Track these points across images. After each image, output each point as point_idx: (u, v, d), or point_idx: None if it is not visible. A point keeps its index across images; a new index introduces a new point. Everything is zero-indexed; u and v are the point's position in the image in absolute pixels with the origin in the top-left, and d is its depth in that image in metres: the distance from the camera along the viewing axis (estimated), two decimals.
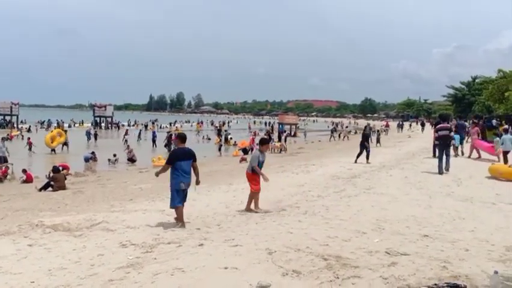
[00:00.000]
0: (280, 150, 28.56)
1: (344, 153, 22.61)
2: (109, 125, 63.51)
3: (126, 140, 32.20)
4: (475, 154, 17.46)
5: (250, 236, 6.27)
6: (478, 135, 18.32)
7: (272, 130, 49.17)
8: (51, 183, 13.91)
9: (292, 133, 48.95)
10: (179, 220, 7.33)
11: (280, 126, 48.75)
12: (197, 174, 7.63)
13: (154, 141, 33.21)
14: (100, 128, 60.12)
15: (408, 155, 18.91)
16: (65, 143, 29.43)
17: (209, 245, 5.91)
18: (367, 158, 16.70)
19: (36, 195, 12.94)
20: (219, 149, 30.24)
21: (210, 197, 10.15)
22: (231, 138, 37.27)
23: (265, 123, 65.06)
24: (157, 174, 7.91)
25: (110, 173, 19.17)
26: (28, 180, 16.06)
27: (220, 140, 34.86)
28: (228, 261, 5.03)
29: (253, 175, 8.52)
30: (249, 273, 4.67)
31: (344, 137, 43.74)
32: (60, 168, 15.51)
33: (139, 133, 42.63)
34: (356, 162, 16.30)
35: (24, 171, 16.61)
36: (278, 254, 5.29)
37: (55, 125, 53.43)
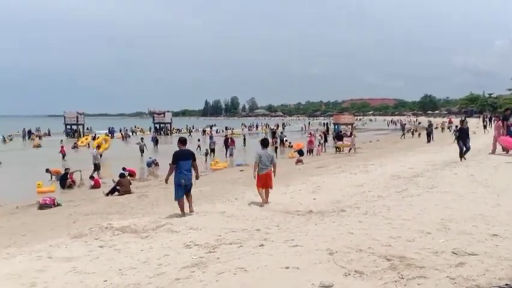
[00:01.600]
0: (350, 149, 28.09)
1: (404, 152, 21.98)
2: (168, 131, 65.51)
3: (199, 146, 32.48)
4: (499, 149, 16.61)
5: (310, 237, 6.28)
6: (501, 131, 17.14)
7: (328, 131, 48.66)
8: (118, 188, 14.61)
9: (349, 133, 48.15)
10: (181, 211, 8.76)
11: (336, 126, 48.10)
12: (196, 172, 9.24)
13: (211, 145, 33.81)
14: (160, 134, 62.21)
15: (474, 152, 18.04)
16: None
17: (269, 245, 5.99)
18: (461, 154, 15.47)
19: (104, 200, 13.63)
20: (275, 151, 30.35)
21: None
22: (286, 140, 37.27)
23: (323, 124, 64.43)
24: (166, 180, 9.22)
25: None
26: (96, 185, 16.95)
27: (276, 142, 34.95)
28: (289, 261, 5.07)
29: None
30: (310, 273, 4.69)
31: (418, 133, 42.43)
32: (127, 173, 16.22)
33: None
34: (461, 159, 15.21)
35: (91, 177, 17.55)
36: (339, 254, 5.27)
37: (119, 132, 56.00)
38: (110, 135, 56.35)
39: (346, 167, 15.82)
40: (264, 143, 10.23)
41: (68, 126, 60.20)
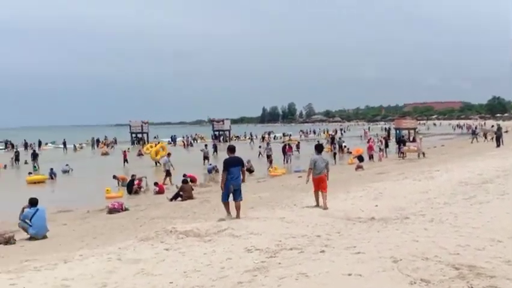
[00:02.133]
0: (418, 154, 27.21)
1: (471, 157, 20.95)
2: (227, 138, 66.64)
3: (260, 153, 32.81)
4: None
5: (373, 244, 6.16)
6: None
7: (389, 136, 47.34)
8: (180, 193, 15.08)
9: (411, 138, 46.57)
10: (227, 212, 9.40)
11: (398, 131, 46.70)
12: (243, 176, 9.80)
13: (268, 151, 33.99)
14: (219, 141, 63.45)
15: None
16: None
17: (330, 251, 5.95)
18: None
19: (168, 205, 14.13)
20: (334, 157, 29.97)
21: (328, 205, 10.15)
22: (345, 146, 36.72)
23: (385, 129, 62.75)
24: (222, 186, 9.64)
25: None
26: (160, 191, 17.60)
27: (334, 148, 34.52)
28: (351, 268, 5.01)
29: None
30: (373, 280, 4.61)
31: (491, 137, 40.31)
32: (189, 179, 16.70)
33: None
34: None
35: (156, 183, 18.24)
36: (404, 262, 5.13)
37: (183, 140, 57.78)
38: (172, 142, 58.38)
39: (409, 173, 15.34)
40: (319, 149, 10.58)
41: (134, 135, 62.89)
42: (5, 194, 13.82)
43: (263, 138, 60.00)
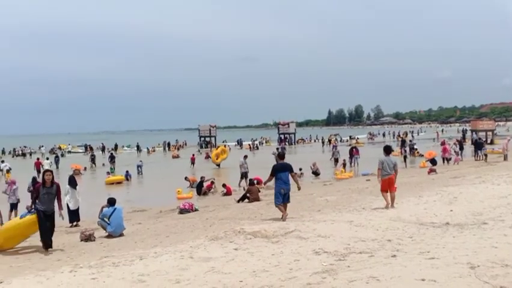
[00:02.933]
0: (505, 156, 25.68)
1: None
2: (293, 142, 66.60)
3: (334, 154, 32.38)
4: None
5: (448, 250, 5.91)
6: None
7: (464, 138, 44.90)
8: (247, 195, 15.31)
9: (489, 140, 43.85)
10: (283, 213, 9.85)
11: (474, 133, 44.17)
12: (296, 182, 10.52)
13: (335, 154, 33.50)
14: (285, 144, 63.54)
15: None
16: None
17: (402, 256, 5.78)
18: None
19: (235, 206, 14.39)
20: (404, 160, 28.93)
21: (399, 209, 9.86)
22: (416, 148, 35.33)
23: (462, 131, 59.51)
24: (264, 183, 11.65)
25: (295, 186, 20.10)
26: (228, 193, 17.98)
27: (405, 151, 33.30)
28: (425, 274, 4.84)
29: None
30: (449, 286, 4.43)
31: None
32: (255, 181, 16.91)
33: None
34: None
35: (224, 185, 18.65)
36: (482, 268, 4.87)
37: (249, 143, 58.68)
38: (239, 146, 59.35)
39: (487, 177, 14.47)
40: (387, 150, 10.84)
41: (202, 138, 64.73)
42: (85, 194, 14.79)
43: (329, 141, 59.23)
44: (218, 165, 31.92)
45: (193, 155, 35.19)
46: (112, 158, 33.37)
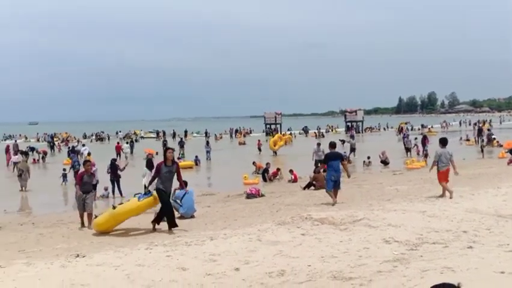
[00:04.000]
0: None
1: None
2: (361, 130, 65.12)
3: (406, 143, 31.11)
4: None
5: None
6: None
7: None
8: (313, 182, 15.25)
9: None
10: (333, 199, 10.74)
11: None
12: (346, 170, 11.65)
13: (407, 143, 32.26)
14: (352, 132, 62.30)
15: None
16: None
17: (479, 248, 5.53)
18: None
19: (301, 193, 14.40)
20: (481, 151, 27.33)
21: (475, 200, 9.38)
22: (494, 138, 33.19)
23: None
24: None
25: (364, 175, 19.72)
26: (294, 180, 18.01)
27: (482, 141, 31.43)
28: (505, 266, 4.60)
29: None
30: None
31: None
32: (322, 169, 16.79)
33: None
34: None
35: (291, 171, 18.69)
36: None
37: (315, 131, 58.26)
38: (305, 133, 59.08)
39: None
40: (443, 142, 10.89)
41: (268, 126, 65.08)
42: None
43: (400, 129, 57.24)
44: (275, 152, 32.10)
45: (259, 140, 35.60)
46: (181, 144, 34.55)
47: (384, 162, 23.89)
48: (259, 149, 33.54)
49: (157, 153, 34.63)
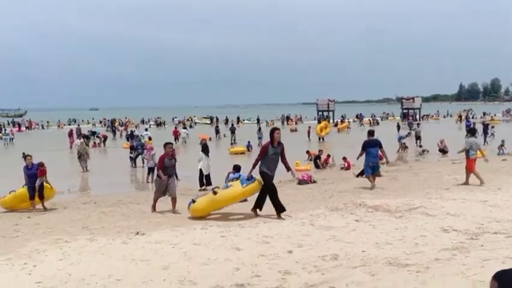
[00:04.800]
0: None
1: None
2: (418, 117, 62.89)
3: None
4: None
5: None
6: None
7: None
8: None
9: None
10: (371, 183, 11.40)
11: None
12: (385, 156, 12.43)
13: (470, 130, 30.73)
14: (411, 120, 60.37)
15: None
16: None
17: None
18: None
19: (355, 180, 14.16)
20: None
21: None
22: None
23: None
24: (357, 158, 12.36)
25: (421, 163, 19.13)
26: (347, 167, 17.76)
27: None
28: None
29: None
30: None
31: None
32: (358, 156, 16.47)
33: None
34: None
35: (344, 158, 18.44)
36: None
37: (370, 118, 56.99)
38: (359, 121, 57.90)
39: None
40: (473, 132, 11.94)
41: (320, 113, 64.36)
42: (213, 161, 15.73)
43: (460, 117, 54.82)
44: (322, 138, 31.80)
45: (309, 127, 35.46)
46: (233, 130, 35.00)
47: (443, 151, 23.00)
48: (308, 136, 33.49)
49: (210, 139, 35.37)
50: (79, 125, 43.62)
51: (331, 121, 58.15)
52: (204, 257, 5.47)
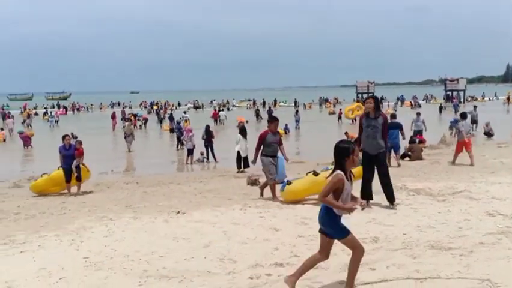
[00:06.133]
0: None
1: None
2: (462, 99, 60.67)
3: None
4: None
5: None
6: None
7: None
8: (409, 153, 14.63)
9: None
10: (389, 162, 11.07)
11: None
12: (404, 138, 13.31)
13: None
14: (452, 102, 58.37)
15: None
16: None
17: None
18: None
19: (395, 163, 13.90)
20: None
21: None
22: None
23: None
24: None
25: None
26: None
27: None
28: None
29: None
30: None
31: None
32: (417, 140, 16.05)
33: None
34: None
35: None
36: None
37: (411, 100, 55.46)
38: (400, 103, 56.46)
39: None
40: (463, 116, 12.95)
41: (360, 95, 63.19)
42: (251, 144, 15.78)
43: (508, 99, 52.54)
44: (353, 120, 31.39)
45: (340, 109, 35.25)
46: (270, 112, 35.00)
47: (488, 134, 22.19)
48: (339, 118, 33.18)
49: (247, 122, 35.67)
50: (124, 107, 44.75)
51: None
52: (243, 236, 5.54)
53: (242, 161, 14.20)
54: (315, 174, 7.56)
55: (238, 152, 14.23)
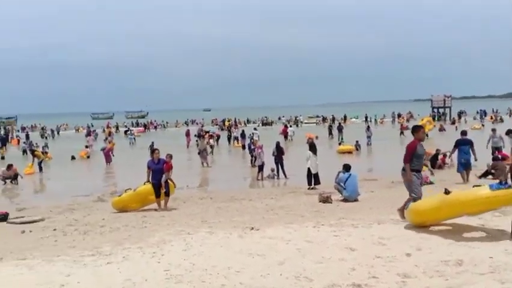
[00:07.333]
0: None
1: None
2: None
3: None
4: None
5: None
6: None
7: None
8: (492, 171, 13.75)
9: None
10: (464, 180, 12.66)
11: None
12: (474, 154, 13.07)
13: None
14: None
15: None
16: None
17: None
18: None
19: (477, 182, 13.06)
20: None
21: None
22: None
23: None
24: (449, 156, 15.25)
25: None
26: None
27: None
28: None
29: None
30: None
31: None
32: (500, 156, 15.08)
33: None
34: None
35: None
36: None
37: (492, 114, 52.31)
38: (480, 118, 53.33)
39: None
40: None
41: (435, 110, 60.58)
42: (320, 160, 15.60)
43: None
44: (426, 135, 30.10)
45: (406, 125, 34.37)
46: (340, 128, 34.57)
47: None
48: (402, 133, 32.96)
49: (316, 137, 35.51)
50: (202, 125, 47.32)
51: (447, 118, 54.56)
52: (318, 255, 5.50)
53: (313, 178, 14.10)
54: (446, 192, 6.36)
55: (309, 169, 14.15)
